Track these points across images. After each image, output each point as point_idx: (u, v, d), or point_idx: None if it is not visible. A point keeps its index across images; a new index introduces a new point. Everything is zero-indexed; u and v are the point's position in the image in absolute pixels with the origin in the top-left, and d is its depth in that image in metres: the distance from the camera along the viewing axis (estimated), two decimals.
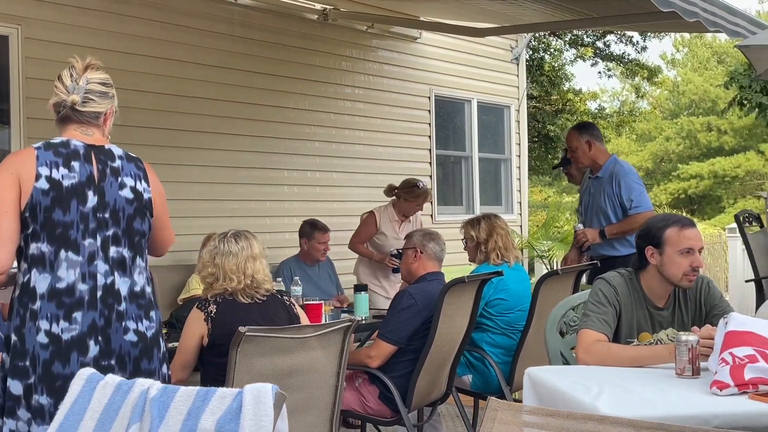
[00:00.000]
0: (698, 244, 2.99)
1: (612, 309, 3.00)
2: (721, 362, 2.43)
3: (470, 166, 9.35)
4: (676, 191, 32.20)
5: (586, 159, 5.20)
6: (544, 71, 15.93)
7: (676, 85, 35.65)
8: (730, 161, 30.54)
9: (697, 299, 3.08)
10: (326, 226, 5.94)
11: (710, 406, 2.24)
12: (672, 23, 5.43)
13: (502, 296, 4.47)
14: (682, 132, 33.18)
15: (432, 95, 8.69)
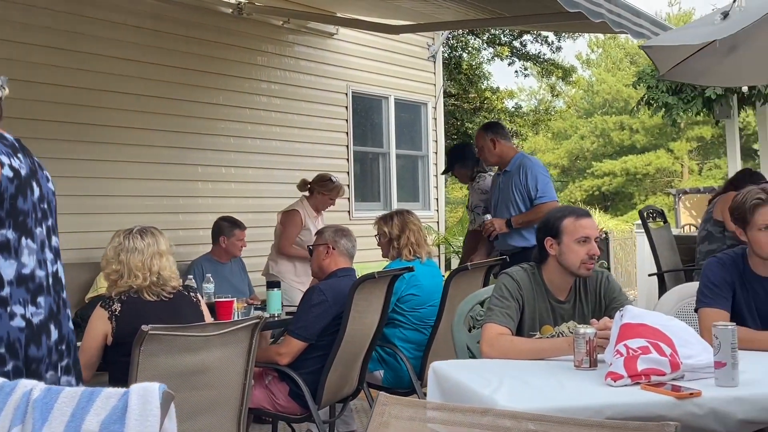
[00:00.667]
0: (594, 233, 3.09)
1: (515, 303, 3.06)
2: (616, 354, 2.51)
3: (387, 163, 9.40)
4: (590, 188, 33.07)
5: (493, 156, 5.36)
6: (462, 69, 16.12)
7: (590, 85, 36.59)
8: (641, 159, 31.54)
9: (597, 292, 3.17)
10: (244, 224, 5.89)
11: (604, 397, 2.31)
12: (579, 24, 5.56)
13: (414, 292, 4.50)
14: (596, 130, 34.09)
15: (349, 91, 8.69)
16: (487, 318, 3.05)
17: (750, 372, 2.48)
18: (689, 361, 2.49)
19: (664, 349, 2.49)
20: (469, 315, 3.51)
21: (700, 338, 2.63)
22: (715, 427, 2.25)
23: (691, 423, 2.24)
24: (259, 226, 6.69)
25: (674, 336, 2.55)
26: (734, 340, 2.39)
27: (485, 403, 2.27)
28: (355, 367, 4.10)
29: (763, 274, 3.15)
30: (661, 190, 31.29)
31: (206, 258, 5.84)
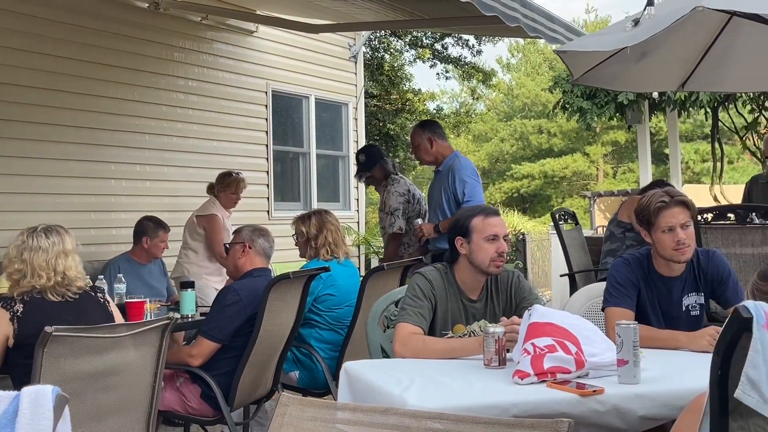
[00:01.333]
0: (502, 230, 3.14)
1: (428, 302, 3.08)
2: (524, 352, 2.55)
3: (308, 163, 9.35)
4: (509, 190, 33.65)
5: (429, 156, 5.36)
6: (384, 71, 16.18)
7: (510, 89, 37.24)
8: (558, 162, 32.26)
9: (508, 292, 3.22)
10: (167, 225, 5.77)
11: (511, 395, 2.34)
12: (496, 28, 5.64)
13: (331, 292, 4.49)
14: (515, 134, 34.71)
15: (269, 90, 8.61)
16: (399, 318, 3.07)
17: (651, 369, 2.55)
18: (594, 359, 2.55)
19: (570, 347, 2.54)
20: (383, 315, 3.51)
21: (604, 337, 2.70)
22: (617, 423, 2.30)
23: (594, 419, 2.30)
24: (176, 226, 6.57)
25: (580, 335, 2.61)
26: (636, 339, 2.46)
27: (395, 403, 2.28)
28: (270, 368, 4.06)
29: (666, 274, 3.25)
30: (577, 192, 32.05)
31: (124, 258, 5.70)
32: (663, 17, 4.57)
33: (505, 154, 35.07)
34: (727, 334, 1.56)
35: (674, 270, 3.24)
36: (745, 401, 1.51)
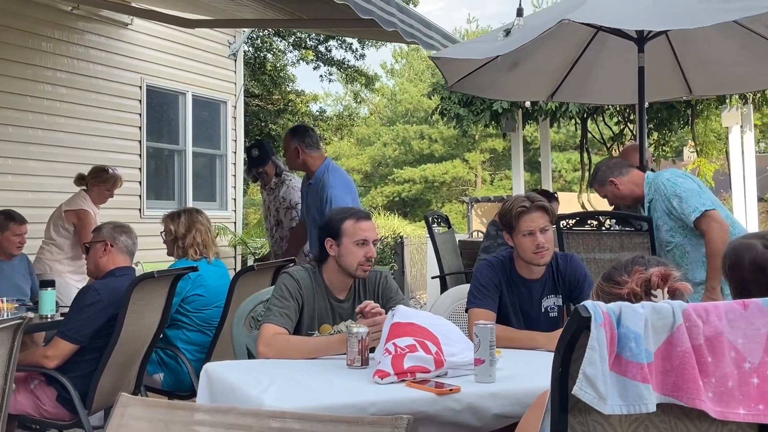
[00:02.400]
0: (372, 235, 3.16)
1: (294, 303, 3.07)
2: (385, 352, 2.57)
3: (183, 161, 9.15)
4: (391, 194, 34.00)
5: (296, 164, 5.12)
6: (266, 70, 16.03)
7: (393, 94, 37.66)
8: (439, 168, 32.85)
9: (376, 292, 3.24)
10: (23, 218, 5.48)
11: (369, 394, 2.35)
12: (374, 31, 5.69)
13: (199, 292, 4.40)
14: (398, 138, 35.10)
15: (143, 85, 8.37)
16: (264, 318, 3.04)
17: (507, 369, 2.62)
18: (453, 358, 2.60)
19: (430, 347, 2.58)
20: (250, 315, 3.47)
21: (464, 337, 2.76)
22: (472, 421, 2.35)
23: (450, 418, 2.34)
24: (40, 223, 6.28)
25: (440, 335, 2.65)
26: (492, 339, 2.52)
27: (253, 404, 2.25)
28: (132, 370, 3.94)
29: (527, 276, 3.36)
30: (456, 197, 32.73)
31: None
32: (532, 28, 4.73)
33: (387, 158, 35.41)
34: (567, 333, 1.61)
35: (534, 273, 3.35)
36: (582, 397, 1.57)
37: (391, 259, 14.75)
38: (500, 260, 3.41)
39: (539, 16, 5.12)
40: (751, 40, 5.45)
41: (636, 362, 1.60)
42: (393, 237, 15.82)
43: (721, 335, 1.69)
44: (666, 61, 6.00)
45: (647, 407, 1.60)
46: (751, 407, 1.69)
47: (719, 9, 4.47)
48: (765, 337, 1.73)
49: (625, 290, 1.90)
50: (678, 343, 1.65)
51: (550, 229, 3.28)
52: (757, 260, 2.29)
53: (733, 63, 5.84)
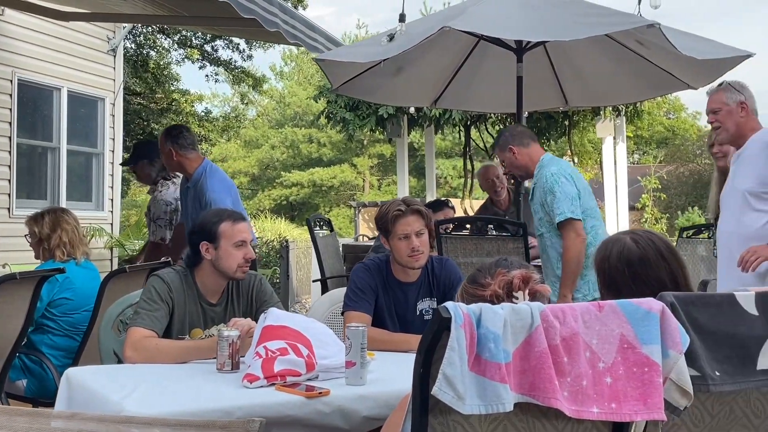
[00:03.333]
0: (249, 236, 3.13)
1: (164, 306, 2.98)
2: (256, 356, 2.53)
3: (57, 159, 8.77)
4: (278, 197, 33.75)
5: (172, 166, 4.93)
6: (149, 68, 15.62)
7: (282, 97, 37.41)
8: (327, 172, 32.84)
9: (250, 295, 3.19)
10: None
11: (236, 399, 2.30)
12: (257, 31, 5.62)
13: (67, 296, 4.21)
14: (286, 141, 34.88)
15: (14, 78, 7.99)
16: (132, 322, 2.94)
17: (379, 371, 2.62)
18: (324, 361, 2.58)
19: (302, 350, 2.55)
20: (119, 319, 3.35)
21: (338, 340, 2.74)
22: (341, 424, 2.34)
23: (319, 421, 2.32)
24: None
25: (313, 338, 2.63)
26: (364, 341, 2.51)
27: (112, 410, 2.17)
28: None
29: (403, 279, 3.38)
30: (344, 202, 32.80)
31: None
32: (415, 34, 4.78)
33: (275, 161, 35.14)
34: (428, 334, 1.62)
35: (410, 276, 3.37)
36: (441, 398, 1.58)
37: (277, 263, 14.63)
38: (376, 263, 3.43)
39: (422, 23, 5.19)
40: (624, 55, 5.70)
41: (494, 362, 1.62)
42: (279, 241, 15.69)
43: (576, 336, 1.74)
44: (544, 72, 6.20)
45: (504, 407, 1.62)
46: (604, 406, 1.74)
47: (592, 23, 4.66)
48: (618, 337, 1.79)
49: (488, 292, 1.93)
50: (535, 343, 1.69)
51: (426, 233, 3.32)
52: (624, 254, 2.39)
53: (607, 76, 6.10)
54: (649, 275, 2.37)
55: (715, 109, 3.94)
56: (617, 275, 2.39)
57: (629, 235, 2.46)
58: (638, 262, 2.38)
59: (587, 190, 4.39)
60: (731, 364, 2.02)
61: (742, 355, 2.04)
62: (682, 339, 1.83)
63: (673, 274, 2.40)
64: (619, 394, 1.76)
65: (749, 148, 3.83)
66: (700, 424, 2.12)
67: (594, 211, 4.37)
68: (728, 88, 3.93)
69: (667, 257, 2.41)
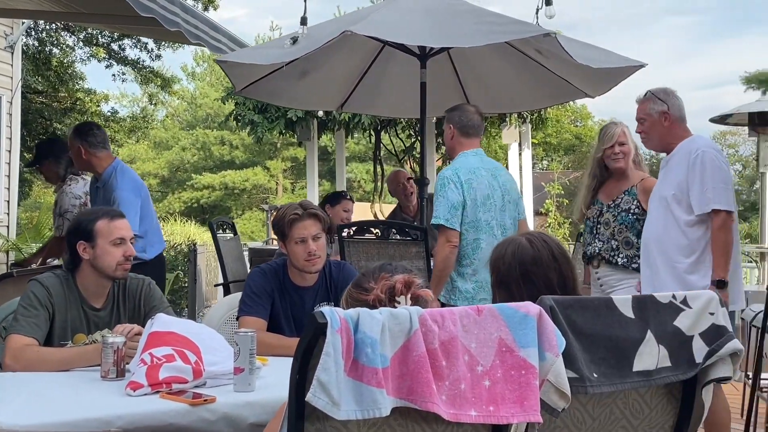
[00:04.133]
0: (129, 234, 3.05)
1: (44, 311, 2.87)
2: (141, 363, 2.46)
3: None
4: (189, 200, 33.19)
5: (82, 164, 4.80)
6: (52, 66, 15.11)
7: (194, 98, 36.81)
8: (239, 174, 32.49)
9: (137, 300, 3.10)
10: None
11: (117, 407, 2.23)
12: (158, 30, 5.50)
13: None
14: (197, 143, 34.34)
15: None
16: (11, 329, 2.82)
17: (270, 377, 2.59)
18: (213, 368, 2.53)
19: (189, 356, 2.50)
20: (1, 326, 3.21)
21: (227, 345, 2.70)
22: (227, 431, 2.30)
23: (204, 428, 2.27)
24: None
25: (202, 343, 2.58)
26: (253, 346, 2.48)
27: None
28: None
29: (300, 284, 3.36)
30: (256, 205, 32.49)
31: None
32: (318, 38, 4.76)
33: (186, 163, 34.54)
34: (304, 339, 1.61)
35: (307, 280, 3.36)
36: (315, 404, 1.57)
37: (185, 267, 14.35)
38: (273, 267, 3.39)
39: (325, 27, 5.17)
40: (524, 64, 5.82)
41: (371, 367, 1.62)
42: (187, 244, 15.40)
43: (455, 339, 1.76)
44: (448, 78, 6.27)
45: (381, 412, 1.62)
46: (482, 408, 1.76)
47: (492, 31, 4.73)
48: (496, 341, 1.81)
49: (371, 296, 1.93)
50: (414, 348, 1.69)
51: (323, 237, 3.30)
52: (518, 252, 2.44)
53: (508, 84, 6.21)
54: (539, 274, 2.43)
55: (640, 119, 4.01)
56: (510, 273, 2.44)
57: (525, 236, 2.53)
58: (530, 261, 2.44)
59: (486, 201, 4.24)
60: (608, 366, 2.08)
61: (618, 357, 2.10)
62: (558, 342, 1.87)
63: (562, 275, 2.46)
64: (497, 397, 1.79)
65: (675, 156, 3.91)
66: (582, 426, 2.17)
67: (482, 224, 4.22)
68: (652, 98, 3.98)
69: (559, 259, 2.48)
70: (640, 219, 4.21)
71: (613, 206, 4.33)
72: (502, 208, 4.31)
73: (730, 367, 2.23)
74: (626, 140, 4.33)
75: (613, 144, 4.31)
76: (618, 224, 4.29)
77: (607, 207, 4.36)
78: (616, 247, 4.28)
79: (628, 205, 4.29)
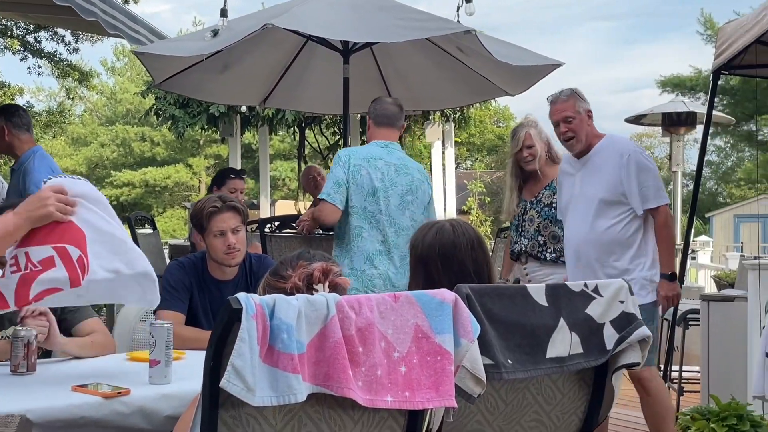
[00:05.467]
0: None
1: None
2: (13, 266, 2.08)
3: None
4: (109, 197, 32.10)
5: (2, 146, 4.60)
6: None
7: (114, 93, 35.98)
8: (161, 172, 31.90)
9: None
10: None
11: (26, 401, 2.15)
12: (76, 20, 5.34)
13: None
14: (117, 139, 33.59)
15: None
16: None
17: (188, 369, 2.55)
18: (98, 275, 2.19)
19: (72, 252, 2.13)
20: None
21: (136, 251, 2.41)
22: (143, 424, 2.26)
23: (119, 422, 2.22)
24: None
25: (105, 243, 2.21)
26: (169, 339, 2.44)
27: None
28: None
29: (219, 277, 3.32)
30: (178, 203, 31.96)
31: None
32: (239, 31, 4.71)
33: (105, 160, 33.75)
34: (219, 325, 1.60)
35: (227, 274, 3.32)
36: (230, 390, 1.56)
37: None
38: (192, 261, 3.35)
39: (246, 20, 5.12)
40: (446, 61, 5.87)
41: (287, 353, 1.62)
42: None
43: (372, 326, 1.77)
44: (372, 74, 6.28)
45: (296, 397, 1.62)
46: (398, 394, 1.78)
47: (414, 27, 4.76)
48: (413, 327, 1.84)
49: (288, 284, 1.93)
50: (330, 334, 1.70)
51: (243, 230, 3.28)
52: (438, 235, 2.53)
53: (431, 81, 6.26)
54: (456, 258, 2.49)
55: (568, 118, 3.87)
56: (429, 253, 2.52)
57: (449, 221, 2.60)
58: (450, 245, 2.51)
59: (375, 193, 4.07)
60: (523, 353, 2.13)
61: (533, 344, 2.15)
62: (473, 328, 1.91)
63: (478, 264, 2.52)
64: (413, 383, 1.81)
65: (597, 156, 3.89)
66: (495, 411, 2.21)
67: (367, 214, 4.07)
68: (576, 96, 3.90)
69: (476, 248, 2.54)
70: None
71: (535, 202, 4.36)
72: (400, 206, 4.11)
73: (638, 354, 2.31)
74: (533, 142, 4.31)
75: (521, 148, 4.33)
76: (542, 219, 4.31)
77: (530, 204, 4.38)
78: (543, 242, 4.31)
79: (549, 200, 4.31)
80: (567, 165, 4.09)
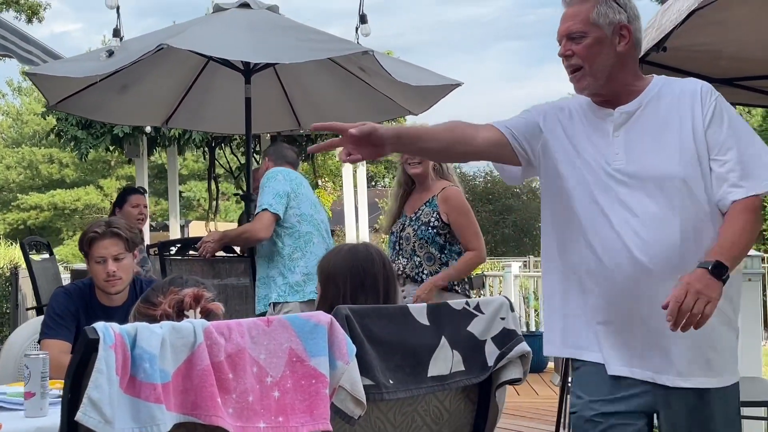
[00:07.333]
0: None
1: None
2: None
3: None
4: (15, 221, 31.38)
5: None
6: None
7: (20, 114, 34.90)
8: (70, 194, 31.03)
9: None
10: None
11: None
12: None
13: None
14: (23, 161, 32.55)
15: None
16: None
17: None
18: None
19: None
20: None
21: None
22: None
23: None
24: None
25: None
26: (45, 370, 2.35)
27: None
28: None
29: (107, 304, 3.23)
30: None
31: None
32: (134, 51, 4.63)
33: (11, 183, 32.63)
34: (76, 356, 1.54)
35: (115, 300, 3.22)
36: (86, 423, 1.50)
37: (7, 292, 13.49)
38: (78, 287, 3.25)
39: (143, 40, 5.04)
40: (350, 81, 5.91)
41: (149, 383, 1.57)
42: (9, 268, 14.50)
43: (243, 351, 1.74)
44: (276, 95, 6.26)
45: (159, 428, 1.58)
46: (271, 420, 1.76)
47: (314, 48, 4.78)
48: (287, 351, 1.82)
49: (159, 311, 1.88)
50: (198, 361, 1.66)
51: (127, 257, 3.18)
52: (352, 252, 2.52)
53: (336, 100, 6.27)
54: (369, 272, 2.47)
55: (576, 33, 2.18)
56: (340, 270, 2.48)
57: (362, 244, 2.61)
58: (364, 258, 2.50)
59: (316, 204, 4.40)
60: (404, 372, 2.13)
61: (414, 363, 2.15)
62: (348, 349, 1.90)
63: (388, 281, 2.52)
64: (286, 408, 1.78)
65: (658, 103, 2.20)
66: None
67: (315, 220, 4.32)
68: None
69: (387, 268, 2.55)
70: (441, 232, 3.97)
71: (414, 219, 4.04)
72: (323, 221, 4.41)
73: (520, 369, 2.34)
74: None
75: None
76: (417, 239, 4.00)
77: (409, 220, 4.07)
78: (419, 263, 4.01)
79: (427, 218, 3.99)
80: (584, 114, 2.28)
